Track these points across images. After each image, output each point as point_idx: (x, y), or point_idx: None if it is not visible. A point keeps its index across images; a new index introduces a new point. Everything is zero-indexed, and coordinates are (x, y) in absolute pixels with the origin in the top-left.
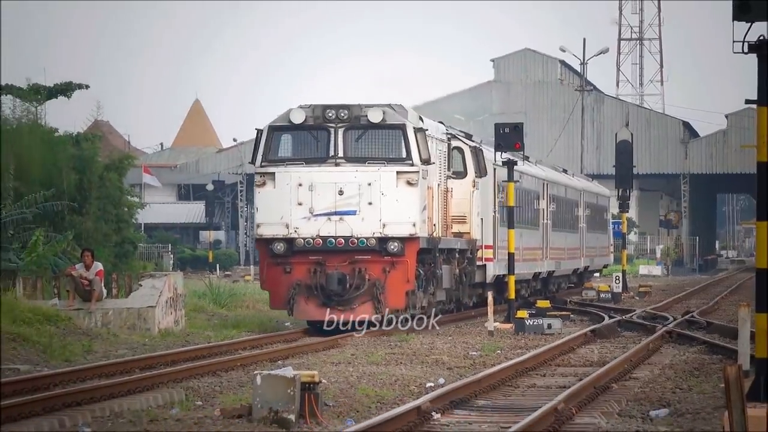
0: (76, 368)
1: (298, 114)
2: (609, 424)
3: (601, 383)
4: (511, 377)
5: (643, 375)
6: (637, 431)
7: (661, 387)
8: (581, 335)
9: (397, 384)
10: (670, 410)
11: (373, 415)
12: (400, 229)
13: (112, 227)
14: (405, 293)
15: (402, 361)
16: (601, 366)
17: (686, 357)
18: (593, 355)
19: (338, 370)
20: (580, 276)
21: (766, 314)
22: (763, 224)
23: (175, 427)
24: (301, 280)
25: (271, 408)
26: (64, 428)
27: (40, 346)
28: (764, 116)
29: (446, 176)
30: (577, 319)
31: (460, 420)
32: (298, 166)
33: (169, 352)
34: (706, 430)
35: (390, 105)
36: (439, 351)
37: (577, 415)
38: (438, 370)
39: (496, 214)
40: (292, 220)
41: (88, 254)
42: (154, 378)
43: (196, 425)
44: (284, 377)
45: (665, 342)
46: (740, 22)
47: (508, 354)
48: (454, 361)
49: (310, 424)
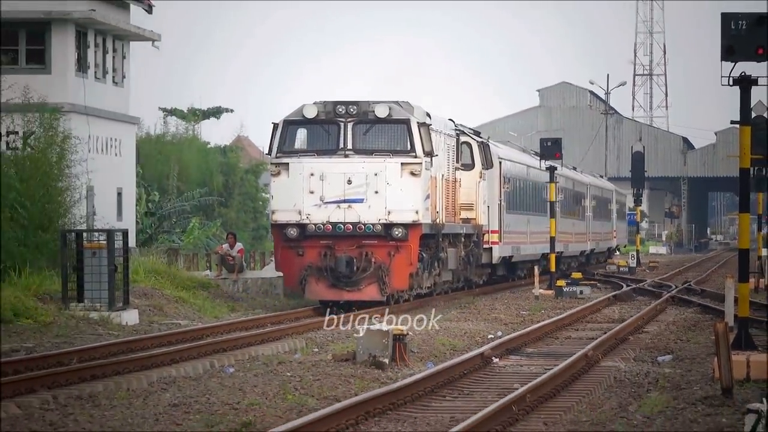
0: (222, 323)
1: (310, 109)
2: (627, 366)
3: (621, 335)
4: (552, 331)
5: (653, 329)
6: (648, 372)
7: (666, 339)
8: (605, 299)
9: (466, 336)
10: (673, 356)
11: (447, 359)
12: (404, 216)
13: (250, 216)
14: (408, 275)
15: (469, 318)
16: (620, 322)
17: (685, 316)
18: (614, 314)
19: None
20: (588, 257)
21: (746, 283)
22: (743, 215)
23: (298, 368)
24: (313, 263)
25: (371, 354)
26: (214, 368)
27: (195, 306)
28: (745, 133)
29: (454, 168)
30: (602, 287)
31: (514, 363)
32: (310, 157)
33: (293, 310)
34: (701, 371)
35: (397, 102)
36: (497, 311)
37: (602, 359)
38: (497, 325)
39: (502, 202)
40: (304, 207)
41: (232, 237)
42: (282, 331)
43: (314, 366)
44: (381, 330)
45: (669, 304)
46: (727, 62)
47: (549, 313)
48: (509, 318)
49: (400, 366)
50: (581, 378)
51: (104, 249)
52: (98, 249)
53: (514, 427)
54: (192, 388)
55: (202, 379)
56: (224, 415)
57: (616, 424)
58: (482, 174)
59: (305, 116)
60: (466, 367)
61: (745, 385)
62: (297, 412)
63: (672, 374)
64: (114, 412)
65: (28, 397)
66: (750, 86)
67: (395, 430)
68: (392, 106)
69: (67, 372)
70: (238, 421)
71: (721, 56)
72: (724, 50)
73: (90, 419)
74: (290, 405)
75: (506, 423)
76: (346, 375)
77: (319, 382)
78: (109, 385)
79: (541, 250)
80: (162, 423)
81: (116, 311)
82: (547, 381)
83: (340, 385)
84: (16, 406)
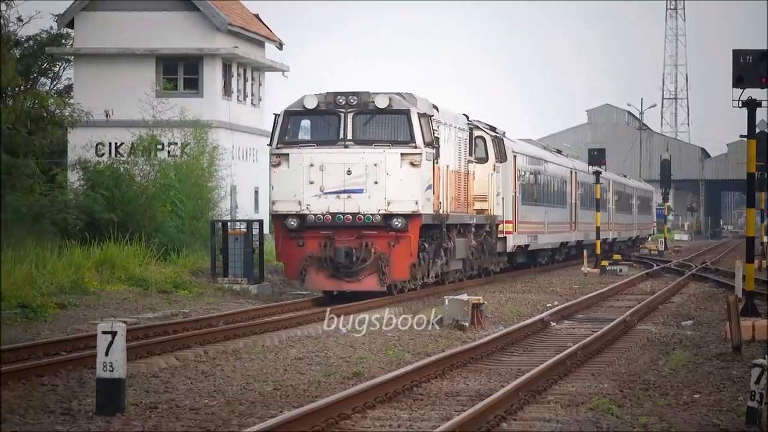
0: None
1: (311, 100)
2: (657, 329)
3: (652, 305)
4: (598, 301)
5: (677, 300)
6: (673, 334)
7: (688, 307)
8: (640, 276)
9: (529, 304)
10: (694, 321)
11: (515, 323)
12: (404, 206)
13: None
14: (409, 266)
15: (532, 290)
16: (652, 294)
17: (703, 289)
18: (647, 288)
19: (494, 296)
20: (611, 245)
21: (752, 264)
22: (750, 210)
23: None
24: (313, 253)
25: (454, 318)
26: (330, 330)
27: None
28: (752, 145)
29: (467, 160)
30: (637, 266)
31: (567, 327)
32: (311, 148)
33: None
34: (715, 333)
35: (400, 93)
36: (554, 285)
37: (637, 324)
38: (554, 296)
39: (517, 194)
40: (305, 198)
41: None
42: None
43: (409, 329)
44: (462, 300)
45: (690, 280)
46: (737, 88)
47: (595, 287)
48: (563, 291)
49: (477, 328)
50: (621, 338)
51: (244, 235)
52: (239, 235)
53: (568, 377)
54: (313, 345)
55: (321, 337)
56: (338, 366)
57: (648, 374)
58: (496, 167)
59: (306, 107)
60: (530, 330)
61: (751, 344)
62: (396, 364)
63: (693, 336)
64: (252, 364)
65: (184, 351)
66: (755, 108)
67: (474, 378)
68: (392, 97)
69: (215, 332)
70: (349, 371)
71: (733, 84)
72: (734, 79)
73: (233, 369)
74: (391, 359)
75: (561, 374)
76: (434, 335)
77: (413, 341)
78: (248, 342)
79: (561, 239)
80: (289, 372)
81: (253, 284)
82: (594, 340)
83: (430, 343)
84: (175, 359)
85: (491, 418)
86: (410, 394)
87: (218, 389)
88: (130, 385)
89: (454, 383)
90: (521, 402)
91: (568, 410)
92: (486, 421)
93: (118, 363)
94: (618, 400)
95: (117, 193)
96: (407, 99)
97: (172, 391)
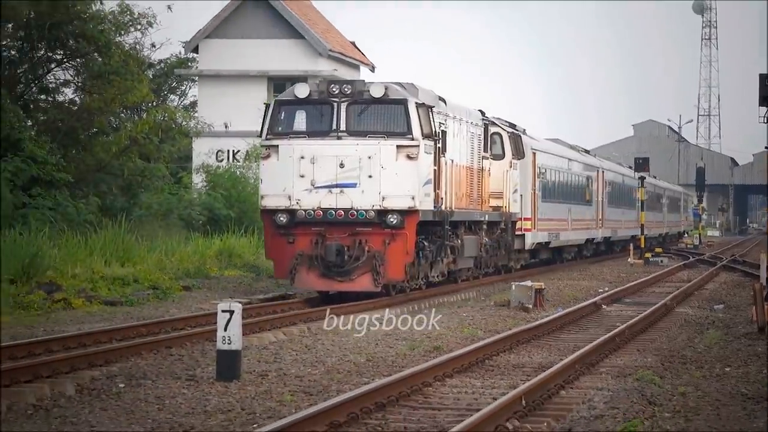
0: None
1: (302, 89)
2: (693, 312)
3: (689, 291)
4: (642, 287)
5: (710, 287)
6: (707, 316)
7: (720, 293)
8: (678, 266)
9: (583, 290)
10: (725, 305)
11: (571, 306)
12: (400, 201)
13: None
14: (405, 265)
15: (585, 278)
16: (688, 282)
17: (733, 278)
18: (684, 277)
19: (554, 283)
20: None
21: None
22: None
23: (471, 310)
24: (304, 251)
25: (520, 301)
26: (414, 310)
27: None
28: None
29: (481, 156)
30: (676, 258)
31: (616, 309)
32: (301, 139)
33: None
34: (743, 316)
35: (399, 82)
36: (604, 274)
37: (676, 307)
38: (604, 283)
39: (537, 191)
40: (294, 192)
41: None
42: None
43: (481, 309)
44: (526, 286)
45: (722, 270)
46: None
47: (640, 275)
48: (612, 278)
49: (539, 309)
50: (662, 319)
51: None
52: None
53: (617, 352)
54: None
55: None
56: (421, 342)
57: (686, 350)
58: (512, 164)
59: (297, 96)
60: (584, 311)
61: None
62: (470, 340)
63: (723, 318)
64: (348, 338)
65: (290, 327)
66: None
67: (537, 352)
68: (389, 86)
69: (317, 311)
70: (430, 345)
71: (759, 102)
72: (760, 98)
73: (332, 343)
74: (466, 335)
75: (611, 349)
76: (503, 315)
77: (485, 320)
78: (346, 322)
79: (586, 236)
80: (380, 345)
81: None
82: (639, 321)
83: (499, 322)
84: (283, 334)
85: (552, 386)
86: (482, 365)
87: (319, 360)
88: (244, 356)
89: (520, 356)
90: (577, 373)
91: (617, 380)
92: (547, 390)
93: (234, 337)
94: (660, 372)
95: (234, 193)
96: (407, 89)
97: (280, 362)
